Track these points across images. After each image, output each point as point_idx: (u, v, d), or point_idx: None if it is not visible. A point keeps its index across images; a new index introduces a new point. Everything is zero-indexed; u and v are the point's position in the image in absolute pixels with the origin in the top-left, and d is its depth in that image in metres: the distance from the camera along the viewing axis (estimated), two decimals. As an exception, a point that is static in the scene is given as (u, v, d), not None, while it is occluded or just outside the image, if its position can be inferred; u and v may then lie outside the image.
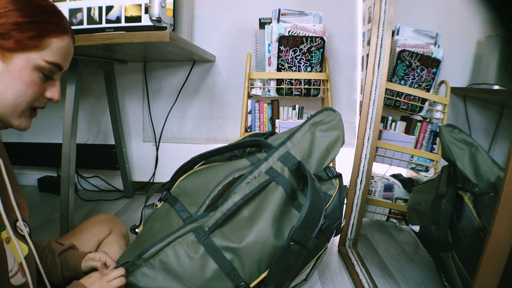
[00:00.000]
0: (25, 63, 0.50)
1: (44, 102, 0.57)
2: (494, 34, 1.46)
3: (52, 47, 0.52)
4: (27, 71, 0.51)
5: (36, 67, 0.51)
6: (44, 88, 0.54)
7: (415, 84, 1.35)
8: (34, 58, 0.51)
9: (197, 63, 1.73)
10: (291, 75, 1.38)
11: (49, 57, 0.52)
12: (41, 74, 0.52)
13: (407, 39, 1.34)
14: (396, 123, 1.41)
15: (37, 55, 0.51)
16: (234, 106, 1.75)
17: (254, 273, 0.69)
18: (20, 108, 0.52)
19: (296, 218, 0.74)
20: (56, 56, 0.53)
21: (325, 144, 0.89)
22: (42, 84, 0.53)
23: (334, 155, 0.89)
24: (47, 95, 0.56)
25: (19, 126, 0.54)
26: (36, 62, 0.51)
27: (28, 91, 0.51)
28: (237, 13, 1.67)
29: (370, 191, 1.44)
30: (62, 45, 0.54)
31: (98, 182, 1.92)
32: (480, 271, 0.60)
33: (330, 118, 0.92)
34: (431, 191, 1.03)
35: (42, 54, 0.51)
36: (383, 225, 1.49)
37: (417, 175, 1.49)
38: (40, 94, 0.54)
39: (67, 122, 1.22)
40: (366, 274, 1.04)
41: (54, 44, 0.52)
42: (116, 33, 1.08)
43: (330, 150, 0.89)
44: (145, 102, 1.81)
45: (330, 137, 0.89)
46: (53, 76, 0.55)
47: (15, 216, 0.55)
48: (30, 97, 0.52)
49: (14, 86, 0.50)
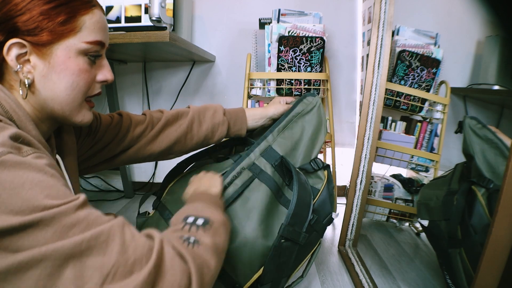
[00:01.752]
0: (66, 52, 0.47)
1: (99, 87, 0.54)
2: (494, 35, 1.46)
3: (86, 26, 0.49)
4: (71, 60, 0.48)
5: (79, 52, 0.48)
6: (94, 72, 0.52)
7: (415, 84, 1.35)
8: (73, 43, 0.48)
9: (197, 63, 1.73)
10: (291, 75, 1.38)
11: (88, 37, 0.49)
12: (87, 58, 0.50)
13: (407, 39, 1.34)
14: (396, 123, 1.41)
15: (75, 39, 0.48)
16: (234, 106, 1.74)
17: (247, 274, 0.68)
18: (77, 102, 0.50)
19: (284, 214, 0.73)
20: (95, 33, 0.50)
21: (308, 135, 0.86)
22: (91, 69, 0.51)
23: (319, 145, 0.88)
24: (99, 78, 0.53)
25: (82, 121, 0.52)
26: (77, 47, 0.48)
27: (80, 81, 0.49)
28: (237, 13, 1.67)
29: (370, 191, 1.44)
30: (95, 19, 0.50)
31: (98, 182, 1.92)
32: (480, 271, 0.60)
33: (311, 106, 0.89)
34: (442, 187, 1.03)
35: (80, 36, 0.48)
36: (383, 225, 1.49)
37: (417, 175, 1.49)
38: (92, 80, 0.51)
39: (67, 122, 1.22)
40: (366, 274, 1.04)
41: (88, 21, 0.49)
42: (116, 33, 1.08)
43: (314, 141, 0.87)
44: (145, 102, 1.81)
45: (312, 127, 0.87)
46: (99, 53, 0.52)
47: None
48: (83, 87, 0.50)
49: (63, 81, 0.48)
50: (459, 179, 1.01)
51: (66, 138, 0.60)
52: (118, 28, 1.42)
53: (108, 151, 0.72)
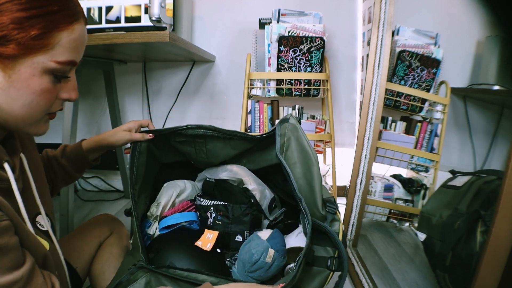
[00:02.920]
0: (31, 70, 0.41)
1: (61, 104, 0.49)
2: (493, 35, 1.46)
3: (62, 44, 0.42)
4: (35, 78, 0.42)
5: (45, 71, 0.43)
6: (57, 89, 0.46)
7: (415, 84, 1.35)
8: (42, 61, 0.42)
9: (197, 63, 1.73)
10: (291, 75, 1.38)
11: (60, 56, 0.43)
12: (52, 77, 0.44)
13: (407, 39, 1.34)
14: (396, 124, 1.41)
15: (44, 57, 0.42)
16: (234, 106, 1.75)
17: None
18: (34, 119, 0.46)
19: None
20: (69, 53, 0.44)
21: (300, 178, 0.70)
22: (54, 87, 0.45)
23: (319, 182, 0.71)
24: (63, 96, 0.48)
25: (37, 133, 0.49)
26: (44, 66, 0.42)
27: (40, 101, 0.44)
28: (237, 13, 1.67)
29: (370, 192, 1.44)
30: (73, 37, 0.44)
31: (98, 183, 1.92)
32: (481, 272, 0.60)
33: (283, 138, 0.72)
34: (450, 204, 0.96)
35: (52, 55, 0.42)
36: (383, 225, 1.49)
37: (417, 176, 1.49)
38: (54, 98, 0.46)
39: (66, 123, 1.22)
40: (366, 274, 1.04)
41: (64, 39, 0.43)
42: (116, 33, 1.08)
43: (311, 181, 0.70)
44: (145, 102, 1.81)
45: (298, 166, 0.69)
46: (66, 74, 0.46)
47: (38, 209, 0.53)
48: (43, 106, 0.45)
49: (22, 99, 0.42)
50: (471, 200, 0.92)
51: (27, 142, 0.59)
52: (118, 28, 1.42)
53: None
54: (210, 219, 0.79)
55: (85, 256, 0.76)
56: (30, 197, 0.52)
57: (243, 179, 0.84)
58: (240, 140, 0.81)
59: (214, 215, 0.79)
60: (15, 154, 0.51)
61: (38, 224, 0.53)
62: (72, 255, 0.74)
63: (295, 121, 0.75)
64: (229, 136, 0.80)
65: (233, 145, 0.83)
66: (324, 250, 0.67)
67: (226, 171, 0.85)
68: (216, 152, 0.84)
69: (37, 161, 0.60)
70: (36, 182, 0.54)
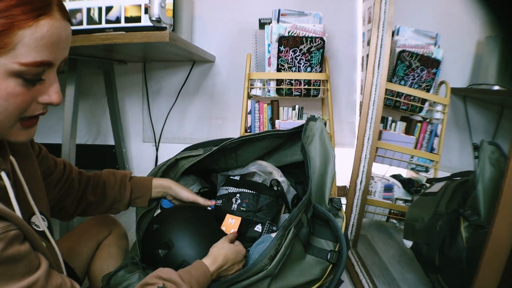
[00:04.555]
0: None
1: (41, 108, 0.45)
2: (493, 35, 1.46)
3: (24, 42, 0.37)
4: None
5: (9, 74, 0.38)
6: (33, 93, 0.42)
7: (415, 84, 1.35)
8: (2, 63, 0.37)
9: (197, 63, 1.73)
10: (291, 75, 1.38)
11: (25, 57, 0.38)
12: (21, 80, 0.39)
13: (407, 39, 1.34)
14: (396, 124, 1.41)
15: (6, 59, 0.37)
16: (234, 107, 1.75)
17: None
18: (6, 125, 0.42)
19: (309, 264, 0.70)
20: (36, 52, 0.39)
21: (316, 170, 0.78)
22: (28, 90, 0.41)
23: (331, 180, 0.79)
24: (42, 100, 0.43)
25: (16, 140, 0.45)
26: (7, 68, 0.37)
27: (8, 106, 0.40)
28: (237, 13, 1.67)
29: (370, 192, 1.44)
30: (40, 34, 0.38)
31: (98, 183, 1.92)
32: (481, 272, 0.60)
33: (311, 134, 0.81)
34: (430, 208, 0.98)
35: (14, 55, 0.37)
36: (383, 225, 1.49)
37: (417, 176, 1.49)
38: (28, 102, 0.42)
39: (66, 123, 1.22)
40: (366, 275, 1.04)
41: (28, 37, 0.37)
42: (116, 34, 1.08)
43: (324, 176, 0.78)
44: (145, 102, 1.81)
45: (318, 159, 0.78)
46: (41, 76, 0.41)
47: (31, 210, 0.52)
48: (14, 111, 0.41)
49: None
50: (448, 201, 0.96)
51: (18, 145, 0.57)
52: (118, 28, 1.42)
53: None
54: (234, 205, 0.81)
55: (83, 256, 0.76)
56: (23, 199, 0.52)
57: (273, 172, 0.89)
58: (272, 138, 0.87)
59: (239, 201, 0.81)
60: (5, 158, 0.50)
61: (34, 224, 0.53)
62: (71, 255, 0.73)
63: (321, 123, 0.85)
64: (262, 137, 0.86)
65: (263, 145, 0.88)
66: (325, 243, 0.71)
67: (255, 164, 0.90)
68: (246, 156, 0.89)
69: (29, 159, 0.58)
70: (28, 182, 0.53)
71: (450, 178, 1.08)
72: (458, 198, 0.96)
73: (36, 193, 0.56)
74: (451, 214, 0.87)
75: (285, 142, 0.91)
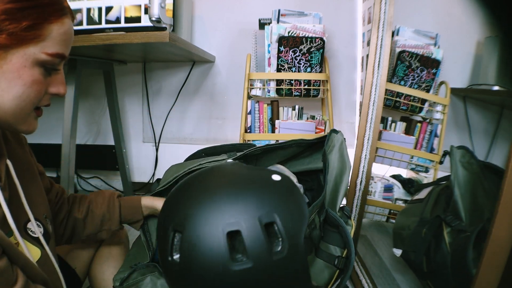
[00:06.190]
0: (23, 60, 0.42)
1: (49, 98, 0.50)
2: (493, 35, 1.46)
3: (52, 36, 0.44)
4: (26, 69, 0.43)
5: (36, 63, 0.44)
6: (47, 83, 0.47)
7: (415, 84, 1.35)
8: (33, 52, 0.43)
9: (196, 63, 1.73)
10: (291, 75, 1.38)
11: (51, 48, 0.44)
12: (43, 69, 0.45)
13: (407, 39, 1.34)
14: (396, 124, 1.41)
15: (36, 48, 0.43)
16: (234, 107, 1.75)
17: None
18: (25, 112, 0.46)
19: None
20: (59, 45, 0.45)
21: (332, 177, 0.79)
22: (45, 80, 0.46)
23: (344, 190, 0.81)
24: (52, 90, 0.48)
25: (27, 130, 0.48)
26: (36, 57, 0.43)
27: (30, 93, 0.45)
28: (236, 13, 1.67)
29: (370, 192, 1.44)
30: (63, 30, 0.45)
31: (98, 183, 1.92)
32: (480, 272, 0.60)
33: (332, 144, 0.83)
34: (416, 215, 0.99)
35: (43, 46, 0.43)
36: (383, 225, 1.49)
37: (417, 176, 1.49)
38: (44, 92, 0.47)
39: (66, 123, 1.22)
40: (366, 275, 1.04)
41: (55, 31, 0.44)
42: (116, 34, 1.08)
43: (338, 184, 0.79)
44: (145, 102, 1.81)
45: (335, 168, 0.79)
46: (56, 67, 0.47)
47: (27, 216, 0.52)
48: (34, 99, 0.46)
49: (13, 90, 0.43)
50: (432, 207, 0.96)
51: (15, 145, 0.57)
52: (118, 28, 1.42)
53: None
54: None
55: (84, 257, 0.76)
56: (18, 205, 0.51)
57: (290, 176, 0.89)
58: (294, 147, 0.89)
59: None
60: (0, 160, 0.50)
61: (29, 230, 0.52)
62: (71, 256, 0.73)
63: (342, 136, 0.90)
64: (287, 146, 0.88)
65: (284, 154, 0.90)
66: (333, 249, 0.72)
67: (274, 167, 0.91)
68: (265, 162, 0.90)
69: (27, 163, 0.58)
70: (25, 186, 0.53)
71: (436, 183, 1.09)
72: (442, 203, 0.96)
73: (34, 198, 0.55)
74: (434, 220, 0.88)
75: (304, 150, 0.94)
